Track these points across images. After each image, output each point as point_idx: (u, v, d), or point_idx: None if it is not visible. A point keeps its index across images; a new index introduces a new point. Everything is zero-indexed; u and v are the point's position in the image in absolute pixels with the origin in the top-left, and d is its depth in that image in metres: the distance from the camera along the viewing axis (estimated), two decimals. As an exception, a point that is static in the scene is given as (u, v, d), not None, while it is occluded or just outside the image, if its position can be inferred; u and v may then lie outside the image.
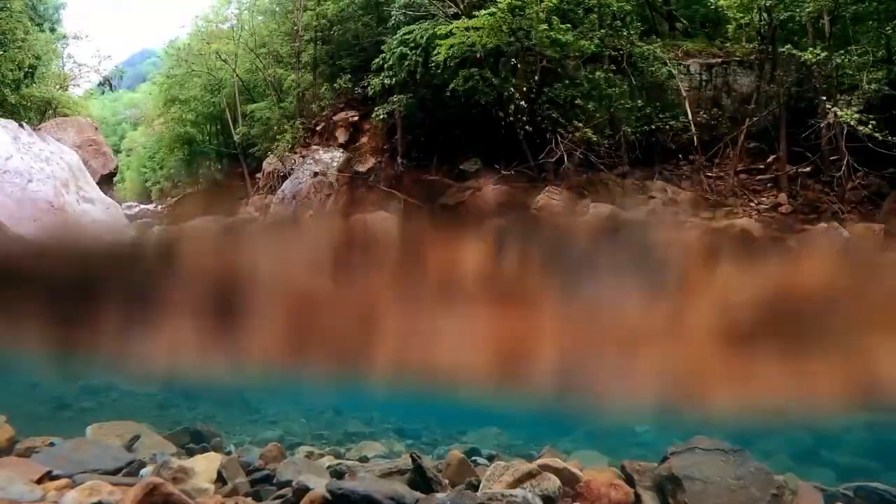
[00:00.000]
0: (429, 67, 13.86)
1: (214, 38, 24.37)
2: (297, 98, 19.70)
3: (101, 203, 12.44)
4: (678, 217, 12.19)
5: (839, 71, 11.46)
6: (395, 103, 14.99)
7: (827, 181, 12.01)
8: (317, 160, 16.83)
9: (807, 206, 11.86)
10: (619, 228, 11.63)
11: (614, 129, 13.60)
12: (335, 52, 19.14)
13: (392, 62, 14.62)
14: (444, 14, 14.49)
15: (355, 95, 17.78)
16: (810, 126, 11.78)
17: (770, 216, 11.76)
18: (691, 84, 14.47)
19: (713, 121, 13.58)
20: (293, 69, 20.20)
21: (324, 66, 19.53)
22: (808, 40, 12.51)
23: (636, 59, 13.76)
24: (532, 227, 10.35)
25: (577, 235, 9.84)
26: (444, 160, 16.04)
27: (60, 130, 18.77)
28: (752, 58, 14.27)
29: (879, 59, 11.38)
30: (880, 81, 10.94)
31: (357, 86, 17.16)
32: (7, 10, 19.87)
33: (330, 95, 19.41)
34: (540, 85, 13.39)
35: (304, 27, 19.47)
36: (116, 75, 28.44)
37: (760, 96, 13.59)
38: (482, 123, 14.79)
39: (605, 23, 13.68)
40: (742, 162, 13.41)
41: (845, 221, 10.70)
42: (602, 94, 13.23)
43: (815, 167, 12.36)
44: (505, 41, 13.16)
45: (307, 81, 19.82)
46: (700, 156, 13.29)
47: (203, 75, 25.32)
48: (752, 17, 13.41)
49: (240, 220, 17.01)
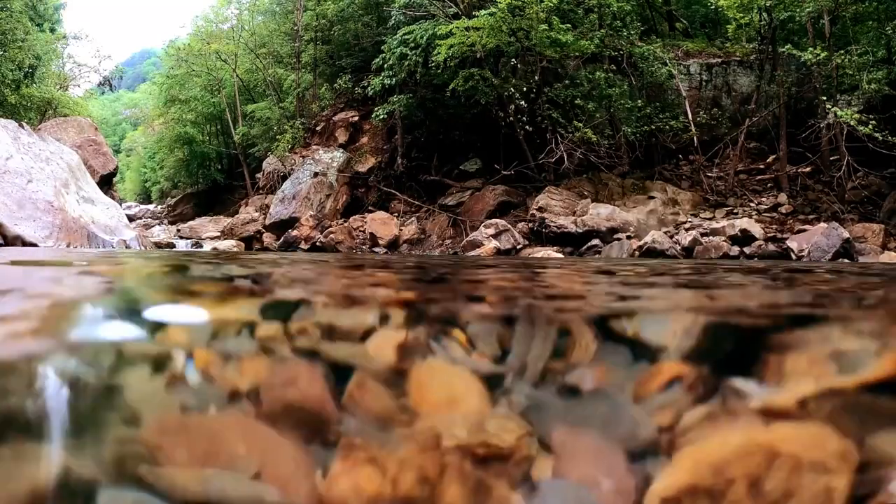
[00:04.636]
0: (429, 67, 13.86)
1: (214, 38, 24.38)
2: (297, 98, 19.72)
3: (101, 203, 12.44)
4: (678, 217, 12.20)
5: (839, 71, 11.46)
6: (395, 103, 14.99)
7: (827, 181, 12.02)
8: (317, 160, 16.84)
9: (807, 206, 11.87)
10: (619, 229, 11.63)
11: (614, 129, 13.61)
12: (335, 52, 19.15)
13: (392, 62, 14.62)
14: (444, 14, 14.50)
15: (355, 95, 17.78)
16: (810, 126, 11.78)
17: (770, 216, 11.77)
18: (691, 84, 14.49)
19: (713, 121, 13.59)
20: (293, 69, 20.21)
21: (324, 66, 19.54)
22: (808, 40, 12.52)
23: (636, 59, 13.77)
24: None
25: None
26: (444, 160, 16.05)
27: (60, 130, 18.77)
28: (752, 58, 14.29)
29: (879, 59, 11.38)
30: (880, 81, 10.94)
31: (357, 86, 17.16)
32: (7, 10, 19.89)
33: (330, 95, 19.42)
34: (540, 85, 13.39)
35: (304, 27, 19.48)
36: (116, 75, 28.44)
37: (760, 96, 13.60)
38: (482, 123, 14.80)
39: (605, 23, 13.68)
40: (742, 162, 13.42)
41: (845, 221, 10.71)
42: (602, 94, 13.23)
43: (815, 167, 12.37)
44: (505, 41, 13.16)
45: (307, 81, 19.84)
46: (700, 156, 13.30)
47: (203, 75, 25.35)
48: (752, 17, 13.42)
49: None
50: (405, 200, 15.90)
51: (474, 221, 13.47)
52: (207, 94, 25.99)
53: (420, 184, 16.01)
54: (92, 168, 16.87)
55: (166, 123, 28.46)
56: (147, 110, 36.15)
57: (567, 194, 12.92)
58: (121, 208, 14.65)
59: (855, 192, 11.48)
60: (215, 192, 27.09)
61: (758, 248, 10.47)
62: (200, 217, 22.11)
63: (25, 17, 21.35)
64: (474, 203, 14.42)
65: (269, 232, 16.08)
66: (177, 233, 18.59)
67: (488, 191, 14.39)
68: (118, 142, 46.53)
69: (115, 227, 11.85)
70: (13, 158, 10.56)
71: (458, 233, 13.82)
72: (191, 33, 26.16)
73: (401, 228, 14.55)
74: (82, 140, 19.15)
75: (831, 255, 9.49)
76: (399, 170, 16.03)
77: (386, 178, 16.52)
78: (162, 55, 31.26)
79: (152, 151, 35.21)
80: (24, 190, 10.16)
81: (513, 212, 13.81)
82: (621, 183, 13.41)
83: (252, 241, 15.98)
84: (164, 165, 31.79)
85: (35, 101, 21.86)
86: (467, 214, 14.18)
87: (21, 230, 9.52)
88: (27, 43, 20.74)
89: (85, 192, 12.05)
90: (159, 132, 31.13)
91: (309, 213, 15.49)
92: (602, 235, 11.62)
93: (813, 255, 9.60)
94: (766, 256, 10.21)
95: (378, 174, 16.71)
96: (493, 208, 13.90)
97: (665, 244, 10.76)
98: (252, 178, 21.41)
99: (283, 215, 15.98)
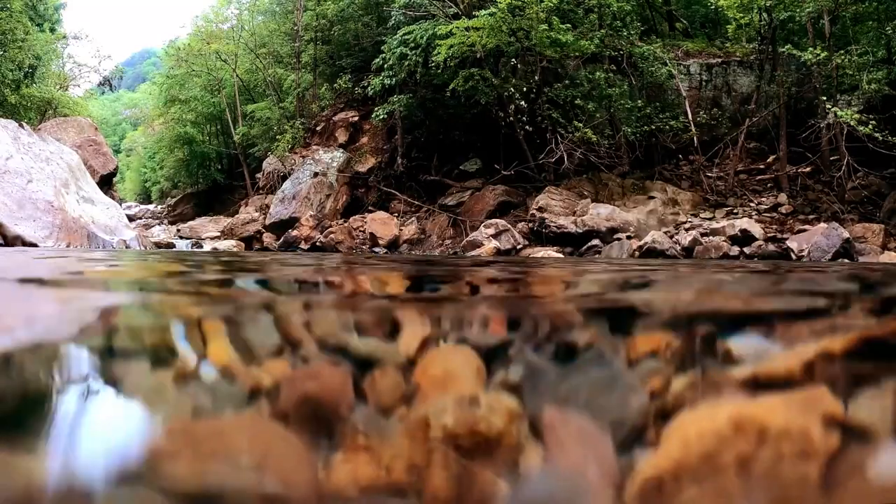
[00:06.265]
0: (429, 67, 13.86)
1: (214, 38, 24.38)
2: (297, 98, 19.72)
3: (101, 203, 12.45)
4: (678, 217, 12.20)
5: (839, 71, 11.46)
6: (395, 103, 14.99)
7: (827, 181, 12.01)
8: (317, 160, 16.84)
9: (807, 206, 11.87)
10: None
11: (614, 129, 13.61)
12: (335, 52, 19.15)
13: (392, 62, 14.62)
14: (444, 14, 14.50)
15: (355, 95, 17.78)
16: (810, 126, 11.78)
17: (770, 216, 11.76)
18: (691, 84, 14.48)
19: (713, 121, 13.59)
20: (293, 69, 20.21)
21: (324, 66, 19.54)
22: (808, 40, 12.51)
23: (636, 59, 13.76)
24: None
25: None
26: (444, 160, 16.05)
27: (60, 130, 18.77)
28: (752, 58, 14.28)
29: (879, 59, 11.38)
30: (880, 81, 10.94)
31: (357, 86, 17.16)
32: (7, 10, 19.89)
33: (330, 95, 19.42)
34: (540, 85, 13.39)
35: (304, 27, 19.48)
36: (116, 75, 28.43)
37: (760, 96, 13.60)
38: (482, 123, 14.80)
39: (605, 23, 13.68)
40: (742, 162, 13.42)
41: (845, 221, 10.71)
42: (602, 94, 13.23)
43: (815, 167, 12.37)
44: (505, 41, 13.16)
45: (307, 81, 19.84)
46: (700, 156, 13.30)
47: (203, 75, 25.36)
48: (752, 17, 13.42)
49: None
50: (405, 200, 15.90)
51: (474, 221, 13.47)
52: (207, 94, 26.00)
53: (420, 184, 16.01)
54: (92, 168, 16.88)
55: (166, 123, 28.47)
56: (147, 110, 36.18)
57: (567, 194, 12.92)
58: (121, 208, 14.65)
59: (855, 192, 11.48)
60: (215, 192, 27.09)
61: (758, 249, 10.47)
62: (200, 217, 22.13)
63: (25, 17, 21.35)
64: (474, 203, 14.42)
65: (269, 232, 16.09)
66: (177, 233, 18.59)
67: (488, 191, 14.39)
68: (118, 142, 46.54)
69: (115, 227, 11.85)
70: (13, 158, 10.56)
71: (458, 233, 13.82)
72: (191, 33, 26.16)
73: (401, 228, 14.55)
74: (82, 140, 19.15)
75: (831, 255, 9.49)
76: (399, 170, 16.02)
77: (386, 178, 16.52)
78: (162, 55, 31.26)
79: (152, 151, 35.22)
80: (24, 190, 10.16)
81: (513, 212, 13.81)
82: (621, 183, 13.41)
83: (252, 241, 15.98)
84: (164, 165, 31.81)
85: (35, 101, 21.86)
86: (467, 214, 14.18)
87: (21, 230, 9.53)
88: (27, 43, 20.74)
89: (85, 192, 12.05)
90: (159, 132, 31.14)
91: (309, 213, 15.49)
92: (602, 235, 11.62)
93: (813, 256, 9.60)
94: (766, 256, 10.20)
95: (378, 174, 16.71)
96: (493, 208, 13.90)
97: (665, 244, 10.76)
98: (252, 178, 21.42)
99: (283, 215, 15.98)
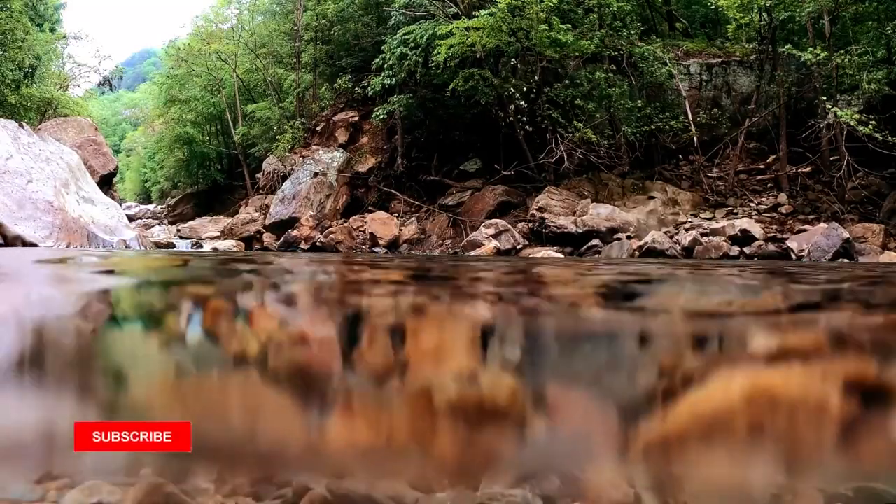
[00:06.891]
0: (429, 67, 13.86)
1: (214, 38, 24.37)
2: (297, 98, 19.72)
3: (101, 203, 12.44)
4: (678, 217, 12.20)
5: (839, 71, 11.46)
6: (395, 103, 14.99)
7: (827, 181, 12.02)
8: (317, 160, 16.84)
9: (807, 206, 11.87)
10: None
11: (614, 129, 13.61)
12: (335, 52, 19.14)
13: (392, 62, 14.62)
14: (444, 14, 14.50)
15: (355, 95, 17.77)
16: (810, 126, 11.78)
17: (770, 216, 11.76)
18: (691, 84, 14.48)
19: (713, 121, 13.59)
20: (293, 69, 20.21)
21: (324, 66, 19.54)
22: (808, 40, 12.51)
23: (636, 59, 13.76)
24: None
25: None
26: (444, 160, 16.04)
27: (60, 130, 18.76)
28: (752, 58, 14.28)
29: (879, 59, 11.38)
30: (880, 81, 10.94)
31: (357, 86, 17.15)
32: (7, 10, 19.88)
33: (330, 95, 19.42)
34: (540, 85, 13.39)
35: (304, 27, 19.47)
36: (116, 75, 28.42)
37: (760, 96, 13.60)
38: (482, 123, 14.80)
39: (605, 23, 13.68)
40: (742, 162, 13.42)
41: (845, 221, 10.71)
42: (602, 94, 13.23)
43: (815, 167, 12.37)
44: (505, 41, 13.16)
45: (307, 81, 19.83)
46: (700, 156, 13.30)
47: (203, 75, 25.35)
48: (752, 17, 13.42)
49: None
50: (405, 200, 15.90)
51: (474, 221, 13.47)
52: (207, 94, 25.99)
53: (420, 184, 16.00)
54: (92, 168, 16.87)
55: (166, 123, 28.46)
56: (147, 110, 36.15)
57: (567, 194, 12.92)
58: (121, 208, 14.65)
59: (855, 192, 11.48)
60: (215, 192, 27.08)
61: (758, 249, 10.47)
62: (200, 217, 22.11)
63: (25, 17, 21.34)
64: (474, 203, 14.42)
65: (269, 232, 16.08)
66: (177, 233, 18.59)
67: (488, 191, 14.39)
68: (118, 142, 46.52)
69: (115, 227, 11.85)
70: (13, 158, 10.56)
71: (458, 233, 13.82)
72: (191, 33, 26.15)
73: (401, 228, 14.55)
74: (82, 140, 19.14)
75: (831, 255, 9.49)
76: (399, 170, 16.02)
77: (386, 178, 16.51)
78: (162, 55, 31.26)
79: (152, 151, 35.21)
80: (24, 190, 10.16)
81: (513, 212, 13.81)
82: (621, 183, 13.41)
83: (252, 241, 15.97)
84: (164, 165, 31.80)
85: (35, 101, 21.85)
86: (467, 214, 14.18)
87: (21, 230, 9.53)
88: (27, 43, 20.72)
89: (85, 192, 12.05)
90: (159, 132, 31.13)
91: (309, 213, 15.48)
92: (602, 235, 11.61)
93: (813, 255, 9.60)
94: (766, 256, 10.21)
95: (378, 174, 16.70)
96: (493, 208, 13.90)
97: (665, 244, 10.76)
98: (252, 178, 21.41)
99: (283, 215, 15.98)
